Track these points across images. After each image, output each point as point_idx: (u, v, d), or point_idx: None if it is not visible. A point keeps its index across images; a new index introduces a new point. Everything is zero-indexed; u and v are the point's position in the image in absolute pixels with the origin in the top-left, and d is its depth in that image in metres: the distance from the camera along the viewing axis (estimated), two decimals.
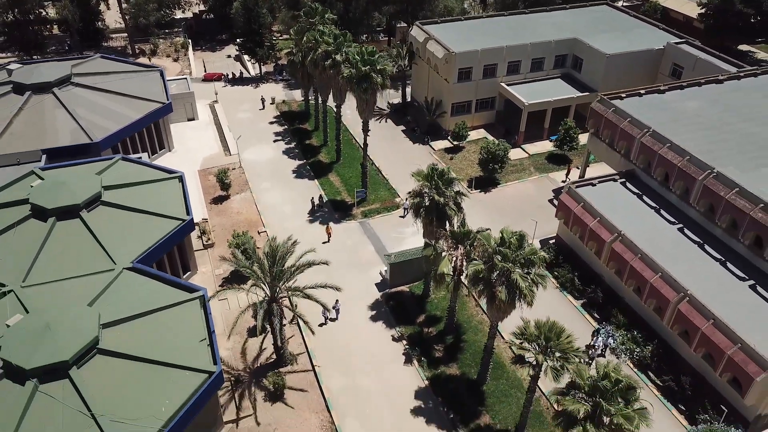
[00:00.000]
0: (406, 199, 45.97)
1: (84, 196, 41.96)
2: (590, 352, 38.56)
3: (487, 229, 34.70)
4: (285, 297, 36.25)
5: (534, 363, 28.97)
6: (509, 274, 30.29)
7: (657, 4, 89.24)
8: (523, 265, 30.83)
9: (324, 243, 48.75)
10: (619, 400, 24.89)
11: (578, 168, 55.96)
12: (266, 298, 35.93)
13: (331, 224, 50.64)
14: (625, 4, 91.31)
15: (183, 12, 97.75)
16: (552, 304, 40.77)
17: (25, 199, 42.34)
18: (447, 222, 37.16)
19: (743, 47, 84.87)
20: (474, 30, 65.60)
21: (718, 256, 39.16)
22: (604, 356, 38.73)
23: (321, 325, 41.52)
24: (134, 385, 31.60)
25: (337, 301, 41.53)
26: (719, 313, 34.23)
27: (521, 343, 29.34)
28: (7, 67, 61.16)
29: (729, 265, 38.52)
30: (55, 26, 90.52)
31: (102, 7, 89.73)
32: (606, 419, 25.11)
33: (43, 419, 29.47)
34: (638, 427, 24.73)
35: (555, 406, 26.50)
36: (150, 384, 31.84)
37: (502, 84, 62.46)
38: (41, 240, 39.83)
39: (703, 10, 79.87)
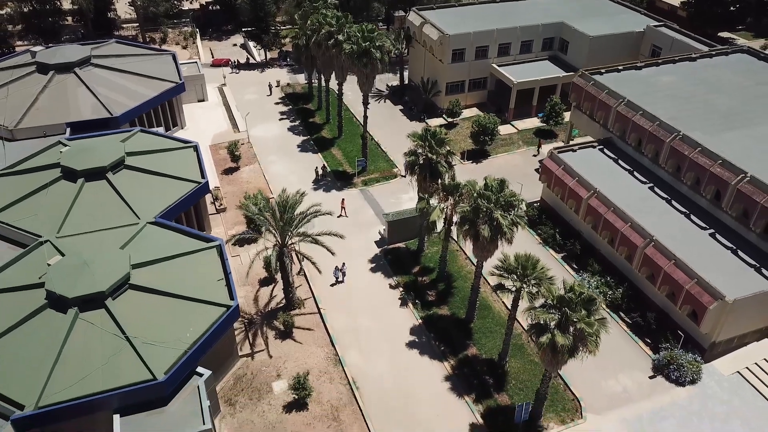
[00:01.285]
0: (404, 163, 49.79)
1: (109, 159, 46.23)
2: None
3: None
4: (294, 243, 40.47)
5: (513, 289, 33.28)
6: (491, 213, 34.59)
7: None
8: (504, 207, 35.10)
9: (339, 217, 51.60)
10: (582, 310, 29.14)
11: (556, 142, 60.14)
12: (277, 244, 40.20)
13: (344, 199, 53.22)
14: None
15: (190, 3, 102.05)
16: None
17: (56, 163, 46.65)
18: (439, 177, 41.40)
19: (724, 34, 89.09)
20: (467, 15, 69.98)
21: (683, 210, 43.48)
22: None
23: (332, 285, 45.35)
24: (162, 315, 35.90)
25: (343, 264, 45.34)
26: (680, 255, 38.54)
27: (501, 273, 33.59)
28: (31, 49, 65.39)
29: (692, 217, 42.84)
30: (69, 17, 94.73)
31: None
32: (571, 328, 29.37)
33: (84, 342, 33.76)
34: (598, 333, 29.01)
35: (530, 320, 30.60)
36: (175, 315, 36.14)
37: (493, 65, 66.84)
38: (72, 198, 44.08)
39: None
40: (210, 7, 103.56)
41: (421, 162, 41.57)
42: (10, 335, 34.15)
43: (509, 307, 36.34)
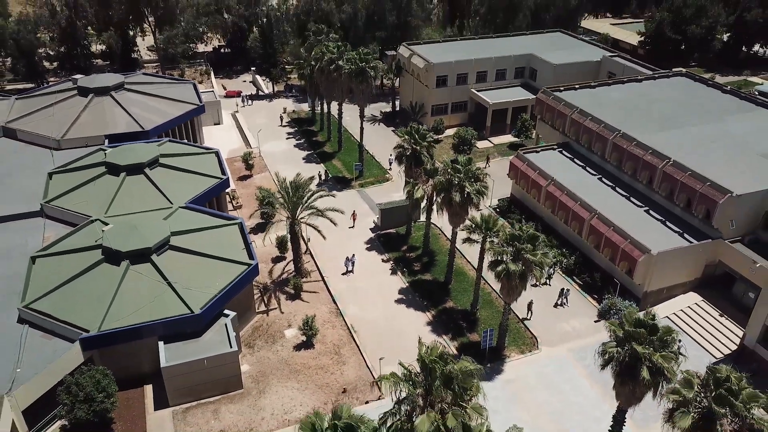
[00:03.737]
0: (391, 154, 58.69)
1: (147, 157, 55.41)
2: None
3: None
4: (304, 217, 49.16)
5: (479, 240, 41.92)
6: (461, 183, 43.56)
7: (608, 35, 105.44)
8: (471, 179, 44.08)
9: (350, 228, 58.44)
10: (528, 245, 37.71)
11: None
12: (289, 218, 48.91)
13: (355, 211, 58.87)
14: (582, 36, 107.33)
15: (205, 45, 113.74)
16: None
17: (102, 162, 55.81)
18: (421, 164, 50.54)
19: (678, 69, 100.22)
20: (450, 48, 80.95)
21: (624, 193, 52.58)
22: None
23: (343, 274, 52.25)
24: (196, 269, 44.29)
25: (353, 255, 52.81)
26: (617, 223, 47.38)
27: (470, 229, 42.31)
28: (73, 77, 75.62)
29: (631, 198, 51.89)
30: (98, 59, 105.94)
31: (138, 38, 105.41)
32: (521, 262, 37.84)
33: (134, 286, 42.11)
34: (541, 263, 37.52)
35: (490, 257, 39.05)
36: (207, 269, 44.54)
37: (472, 90, 77.25)
38: (116, 188, 53.05)
39: (642, 38, 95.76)
40: (222, 50, 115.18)
41: (408, 153, 50.80)
42: (74, 282, 42.47)
43: (477, 268, 44.82)
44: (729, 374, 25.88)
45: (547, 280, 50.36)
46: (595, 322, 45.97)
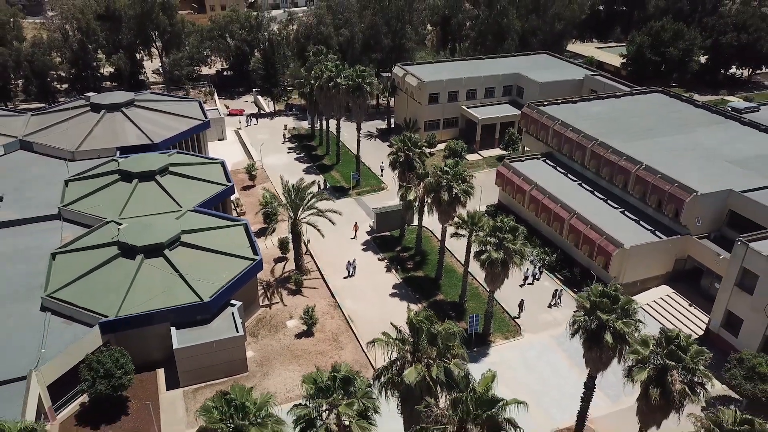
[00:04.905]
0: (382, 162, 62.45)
1: (157, 166, 59.46)
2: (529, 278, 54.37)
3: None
4: (304, 218, 53.04)
5: (466, 234, 45.80)
6: (450, 183, 47.62)
7: (593, 58, 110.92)
8: (458, 180, 48.13)
9: (352, 239, 61.68)
10: (510, 235, 41.62)
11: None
12: (291, 218, 52.79)
13: (357, 223, 61.82)
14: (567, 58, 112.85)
15: (208, 68, 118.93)
16: None
17: (116, 170, 59.81)
18: (414, 169, 54.64)
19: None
20: (442, 69, 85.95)
21: (602, 197, 56.70)
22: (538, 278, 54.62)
23: (345, 278, 55.31)
24: (205, 264, 47.97)
25: (354, 259, 56.05)
26: (594, 222, 51.36)
27: (457, 224, 46.23)
28: (86, 95, 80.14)
29: (609, 201, 55.97)
30: (107, 81, 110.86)
31: (145, 60, 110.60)
32: (503, 251, 41.67)
33: (148, 278, 45.74)
34: (521, 251, 41.39)
35: (475, 247, 42.93)
36: (215, 264, 48.24)
37: (463, 106, 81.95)
38: (128, 193, 56.97)
39: (624, 60, 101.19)
40: (224, 73, 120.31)
41: (401, 159, 54.98)
42: (93, 274, 46.12)
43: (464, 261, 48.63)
44: (678, 334, 29.58)
45: (534, 279, 53.99)
46: (575, 311, 49.44)
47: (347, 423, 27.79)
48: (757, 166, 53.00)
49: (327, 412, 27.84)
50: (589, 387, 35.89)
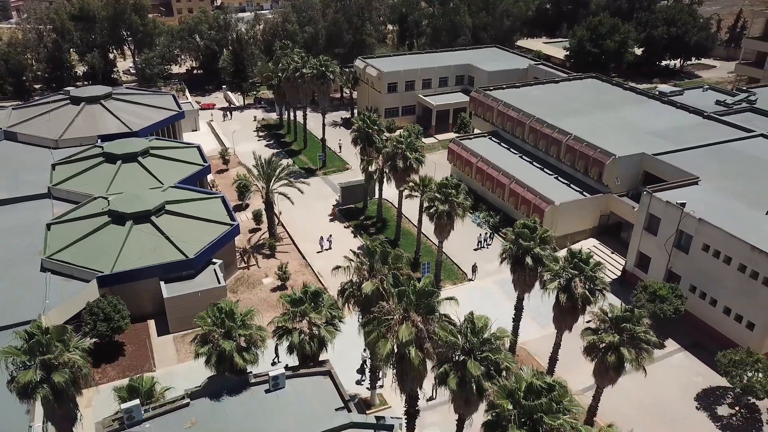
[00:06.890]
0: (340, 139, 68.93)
1: (139, 148, 65.02)
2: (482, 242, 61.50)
3: None
4: (276, 189, 59.38)
5: (418, 195, 52.84)
6: (404, 152, 54.61)
7: (540, 52, 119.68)
8: (411, 149, 55.15)
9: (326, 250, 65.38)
10: (454, 191, 48.75)
11: None
12: (263, 189, 59.09)
13: (331, 235, 62.33)
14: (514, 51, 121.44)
15: (179, 67, 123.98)
16: None
17: (100, 153, 65.16)
18: (374, 144, 61.49)
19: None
20: (400, 61, 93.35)
21: (539, 166, 64.48)
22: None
23: (318, 252, 60.91)
24: (188, 228, 53.91)
25: (330, 235, 62.10)
26: (530, 185, 59.02)
27: (411, 187, 53.22)
28: (65, 89, 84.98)
29: (545, 170, 63.76)
30: (81, 80, 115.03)
31: (118, 59, 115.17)
32: (448, 204, 48.77)
33: (138, 239, 51.52)
34: (463, 203, 48.54)
35: (426, 203, 49.94)
36: (197, 228, 54.22)
37: (419, 95, 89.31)
38: (113, 173, 62.36)
39: (567, 53, 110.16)
40: (194, 71, 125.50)
41: (362, 135, 61.83)
42: (87, 239, 51.67)
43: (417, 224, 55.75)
44: (581, 251, 37.07)
45: (486, 244, 60.82)
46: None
47: (317, 330, 34.37)
48: (670, 135, 61.39)
49: (299, 320, 34.37)
50: (518, 308, 43.18)
